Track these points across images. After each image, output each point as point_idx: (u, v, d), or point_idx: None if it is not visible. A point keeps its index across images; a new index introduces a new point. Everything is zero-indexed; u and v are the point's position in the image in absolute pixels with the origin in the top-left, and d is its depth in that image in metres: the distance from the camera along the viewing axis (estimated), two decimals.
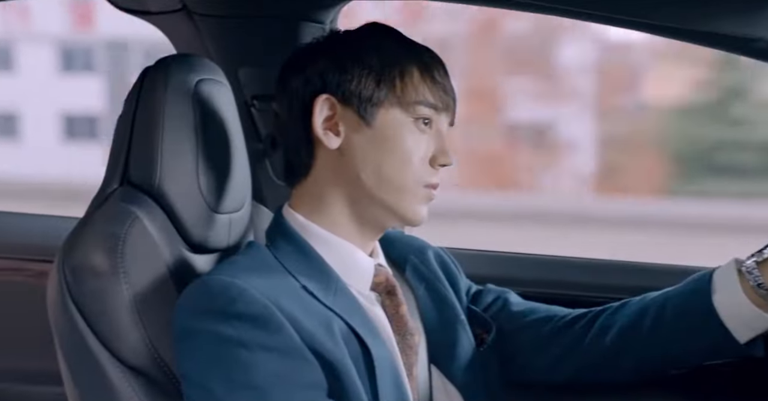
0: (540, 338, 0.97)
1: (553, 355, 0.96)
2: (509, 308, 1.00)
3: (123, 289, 0.86)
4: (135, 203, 0.92)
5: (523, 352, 0.98)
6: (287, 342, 0.78)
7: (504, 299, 1.01)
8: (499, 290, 1.04)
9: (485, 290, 1.03)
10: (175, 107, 0.94)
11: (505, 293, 1.03)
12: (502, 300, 1.01)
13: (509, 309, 1.00)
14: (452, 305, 0.96)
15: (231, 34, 1.23)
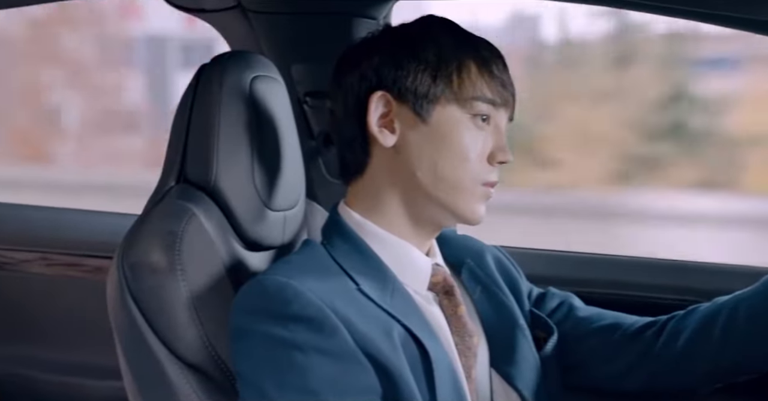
0: (610, 345, 0.94)
1: (624, 362, 0.93)
2: (575, 313, 0.97)
3: (180, 286, 0.86)
4: (191, 201, 0.93)
5: (593, 359, 0.95)
6: (342, 346, 0.77)
7: (569, 305, 0.99)
8: (562, 294, 1.01)
9: (548, 295, 1.00)
10: (230, 104, 0.94)
11: (569, 298, 1.00)
12: (567, 306, 0.98)
13: (575, 315, 0.97)
14: (510, 309, 0.93)
15: (284, 31, 1.23)
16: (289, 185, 1.01)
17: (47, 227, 1.50)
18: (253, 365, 0.77)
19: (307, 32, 1.22)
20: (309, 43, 1.23)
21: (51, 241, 1.49)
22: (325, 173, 1.32)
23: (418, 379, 0.78)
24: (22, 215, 1.54)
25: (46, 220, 1.53)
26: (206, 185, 0.94)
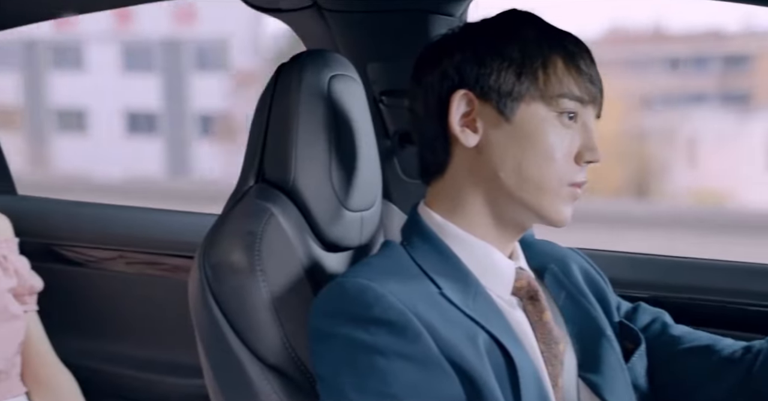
0: (711, 366, 0.89)
1: (728, 384, 0.87)
2: (669, 331, 0.93)
3: (261, 287, 0.86)
4: (270, 201, 0.92)
5: (691, 380, 0.89)
6: (425, 352, 0.75)
7: (662, 322, 0.94)
8: (654, 310, 0.96)
9: (639, 310, 0.96)
10: (309, 104, 0.94)
11: (661, 315, 0.96)
12: (660, 323, 0.94)
13: (669, 333, 0.93)
14: (597, 318, 0.90)
15: (360, 29, 1.22)
16: (366, 186, 1.00)
17: (126, 226, 1.54)
18: (333, 368, 0.76)
19: (383, 30, 1.21)
20: (385, 42, 1.22)
21: (130, 239, 1.52)
22: (401, 173, 1.31)
23: (503, 388, 0.76)
24: (102, 214, 1.58)
25: (125, 219, 1.57)
26: (284, 185, 0.94)
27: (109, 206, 1.60)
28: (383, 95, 1.26)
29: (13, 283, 1.27)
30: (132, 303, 1.50)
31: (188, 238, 1.50)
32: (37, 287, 1.33)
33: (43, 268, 1.36)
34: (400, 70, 1.21)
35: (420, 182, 0.92)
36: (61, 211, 1.58)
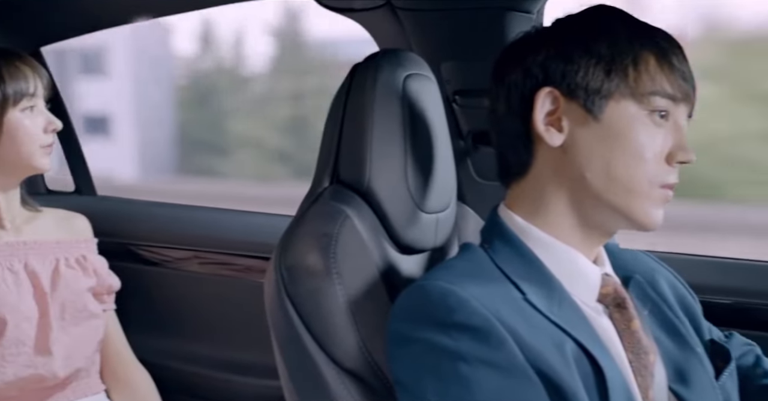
0: None
1: None
2: (761, 365, 0.89)
3: (337, 290, 0.85)
4: (345, 202, 0.91)
5: None
6: (509, 359, 0.72)
7: (755, 355, 0.91)
8: (746, 341, 0.93)
9: (732, 339, 0.92)
10: (384, 103, 0.93)
11: (754, 348, 0.92)
12: (753, 356, 0.90)
13: (761, 366, 0.89)
14: (685, 335, 0.85)
15: (434, 28, 1.20)
16: (441, 187, 0.98)
17: (201, 227, 1.56)
18: (414, 374, 0.74)
19: (457, 29, 1.19)
20: (460, 40, 1.20)
21: (204, 240, 1.54)
22: (474, 175, 1.28)
23: (591, 398, 0.72)
24: (178, 215, 1.60)
25: (199, 219, 1.59)
26: (359, 187, 0.93)
27: (184, 206, 1.62)
28: (457, 95, 1.23)
29: (92, 282, 1.30)
30: (206, 302, 1.52)
31: (261, 239, 1.51)
32: (115, 286, 1.36)
33: (120, 267, 1.39)
34: (474, 70, 1.20)
35: (494, 183, 0.89)
36: (138, 211, 1.62)
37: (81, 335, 1.26)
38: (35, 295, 1.22)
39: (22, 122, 1.21)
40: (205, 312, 1.52)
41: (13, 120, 1.20)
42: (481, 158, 1.25)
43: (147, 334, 1.47)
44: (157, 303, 1.54)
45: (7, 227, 1.25)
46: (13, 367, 1.17)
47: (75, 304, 1.25)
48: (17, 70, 1.21)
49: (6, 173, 1.23)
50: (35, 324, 1.20)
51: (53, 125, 1.24)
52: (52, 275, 1.25)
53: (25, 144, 1.21)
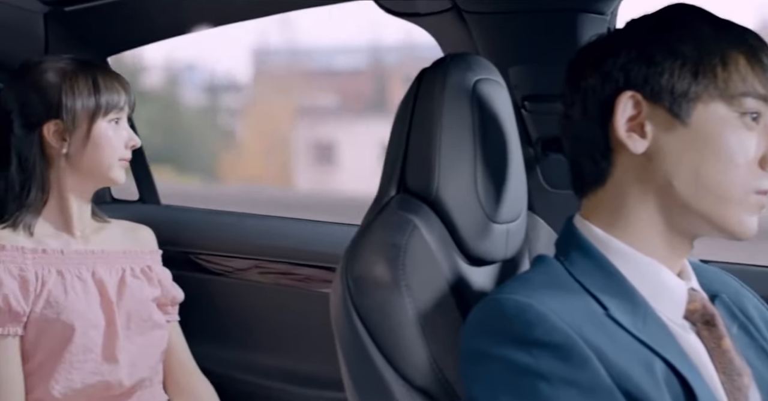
0: None
1: None
2: None
3: (406, 303, 0.82)
4: (413, 212, 0.88)
5: None
6: (593, 379, 0.68)
7: None
8: None
9: None
10: (453, 109, 0.90)
11: None
12: None
13: None
14: None
15: (503, 32, 1.17)
16: (512, 196, 0.94)
17: (261, 236, 1.55)
18: (490, 393, 0.70)
19: (527, 32, 1.15)
20: (529, 44, 1.16)
21: (264, 249, 1.53)
22: (543, 183, 1.23)
23: None
24: (239, 223, 1.60)
25: (260, 228, 1.58)
26: (428, 196, 0.90)
27: (246, 214, 1.62)
28: (525, 100, 1.19)
29: (156, 293, 1.30)
30: (268, 312, 1.51)
31: (322, 248, 1.49)
32: (179, 298, 1.36)
33: (182, 276, 1.39)
34: (544, 74, 1.15)
35: (564, 191, 0.85)
36: (200, 220, 1.62)
37: (145, 344, 1.26)
38: (102, 303, 1.22)
39: (107, 133, 1.23)
40: (266, 321, 1.51)
41: (100, 130, 1.22)
42: (551, 165, 1.20)
43: (209, 344, 1.47)
44: (219, 312, 1.53)
45: (77, 235, 1.26)
46: (81, 374, 1.18)
47: (140, 314, 1.25)
48: (111, 82, 1.24)
49: (83, 182, 1.25)
50: (102, 332, 1.21)
51: (133, 141, 1.26)
52: (119, 285, 1.25)
53: (107, 155, 1.23)
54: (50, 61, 1.24)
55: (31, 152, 1.22)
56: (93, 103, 1.21)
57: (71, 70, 1.22)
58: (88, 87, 1.22)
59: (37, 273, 1.19)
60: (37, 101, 1.21)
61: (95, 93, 1.22)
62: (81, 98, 1.21)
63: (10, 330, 1.15)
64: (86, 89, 1.21)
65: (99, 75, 1.23)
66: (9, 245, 1.18)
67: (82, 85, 1.21)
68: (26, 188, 1.22)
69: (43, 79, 1.22)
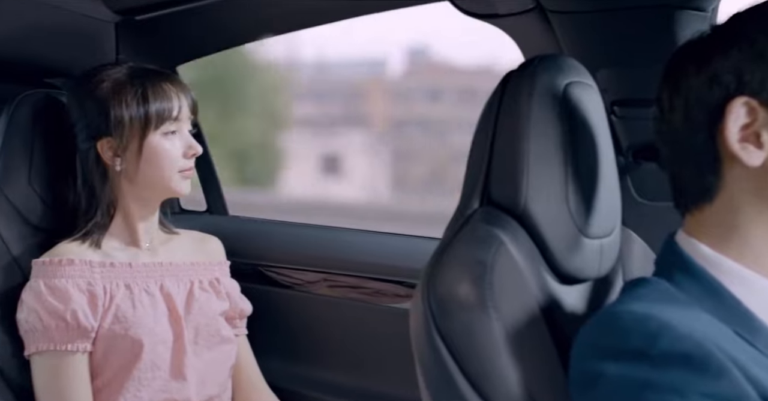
0: None
1: None
2: None
3: (494, 326, 0.75)
4: (499, 226, 0.82)
5: None
6: (735, 391, 0.59)
7: None
8: None
9: None
10: (541, 115, 0.83)
11: None
12: None
13: None
14: None
15: (591, 32, 1.09)
16: (606, 209, 0.86)
17: (331, 248, 1.51)
18: None
19: (618, 31, 1.07)
20: (620, 44, 1.08)
21: (333, 262, 1.48)
22: (635, 194, 1.15)
23: None
24: (308, 235, 1.56)
25: (328, 240, 1.54)
26: (515, 208, 0.83)
27: (315, 226, 1.58)
28: (615, 105, 1.11)
29: (225, 306, 1.27)
30: (337, 327, 1.46)
31: (392, 261, 1.44)
32: (247, 311, 1.32)
33: (249, 289, 1.36)
34: (637, 76, 1.07)
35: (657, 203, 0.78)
36: (268, 231, 1.59)
37: (214, 360, 1.22)
38: (170, 318, 1.19)
39: (162, 146, 1.17)
40: (336, 337, 1.46)
41: (153, 144, 1.17)
42: (643, 175, 1.12)
43: (277, 359, 1.43)
44: (287, 326, 1.49)
45: (144, 247, 1.23)
46: (149, 392, 1.15)
47: (208, 328, 1.22)
48: (162, 91, 1.17)
49: (145, 196, 1.21)
50: (170, 348, 1.18)
51: (193, 149, 1.19)
52: (187, 298, 1.22)
53: (163, 168, 1.17)
54: (106, 71, 1.19)
55: (91, 170, 1.18)
56: (142, 114, 1.15)
57: (122, 81, 1.17)
58: (137, 98, 1.15)
59: (105, 287, 1.17)
60: (92, 115, 1.17)
61: (144, 103, 1.15)
62: (129, 111, 1.15)
63: (79, 346, 1.12)
64: (135, 101, 1.15)
65: (149, 84, 1.16)
66: (77, 259, 1.16)
67: (130, 97, 1.15)
68: (92, 203, 1.19)
69: (96, 91, 1.17)
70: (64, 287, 1.14)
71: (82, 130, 1.19)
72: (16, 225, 1.24)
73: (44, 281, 1.14)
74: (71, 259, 1.16)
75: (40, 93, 1.31)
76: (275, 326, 1.49)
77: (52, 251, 1.18)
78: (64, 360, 1.12)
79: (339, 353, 1.44)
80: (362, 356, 1.41)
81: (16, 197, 1.26)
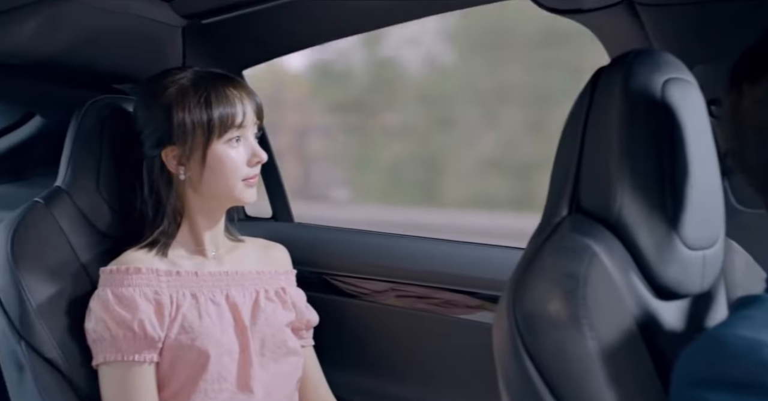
0: None
1: None
2: None
3: (589, 345, 0.68)
4: (590, 236, 0.75)
5: None
6: None
7: None
8: None
9: None
10: (637, 115, 0.77)
11: None
12: None
13: None
14: None
15: (686, 26, 1.01)
16: (708, 217, 0.79)
17: (398, 256, 1.46)
18: None
19: (716, 24, 0.99)
20: (719, 38, 1.00)
21: (401, 271, 1.43)
22: (734, 201, 1.06)
23: None
24: (375, 243, 1.52)
25: (395, 248, 1.49)
26: (608, 217, 0.76)
27: (382, 234, 1.53)
28: (712, 104, 1.02)
29: (291, 317, 1.23)
30: (405, 338, 1.41)
31: (462, 271, 1.37)
32: (314, 321, 1.28)
33: (315, 298, 1.32)
34: None
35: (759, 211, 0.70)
36: (335, 239, 1.55)
37: (280, 372, 1.19)
38: (236, 328, 1.16)
39: (226, 154, 1.14)
40: (404, 348, 1.41)
41: (217, 152, 1.13)
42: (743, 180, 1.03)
43: (343, 371, 1.39)
44: (353, 337, 1.45)
45: (210, 256, 1.21)
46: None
47: (274, 339, 1.18)
48: (226, 97, 1.14)
49: (209, 205, 1.18)
50: (236, 359, 1.14)
51: (258, 157, 1.15)
52: (252, 308, 1.19)
53: (227, 177, 1.14)
54: (171, 76, 1.16)
55: (156, 178, 1.16)
56: (205, 121, 1.12)
57: (186, 86, 1.14)
58: (200, 105, 1.12)
59: (172, 297, 1.14)
60: (158, 121, 1.15)
61: (207, 109, 1.12)
62: (192, 118, 1.12)
63: (146, 357, 1.10)
64: (198, 108, 1.12)
65: (212, 89, 1.13)
66: (144, 267, 1.14)
67: (193, 103, 1.12)
68: (158, 211, 1.17)
69: (161, 97, 1.14)
70: (131, 295, 1.12)
71: (149, 137, 1.17)
72: (84, 232, 1.23)
73: (112, 289, 1.13)
74: (138, 267, 1.14)
75: (107, 99, 1.31)
76: (341, 336, 1.45)
77: (120, 259, 1.16)
78: (132, 371, 1.10)
79: (407, 365, 1.39)
80: (431, 369, 1.36)
81: (84, 203, 1.25)
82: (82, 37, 1.27)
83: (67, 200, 1.24)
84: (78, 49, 1.30)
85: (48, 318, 1.16)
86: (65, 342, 1.16)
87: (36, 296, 1.16)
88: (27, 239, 1.19)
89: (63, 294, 1.18)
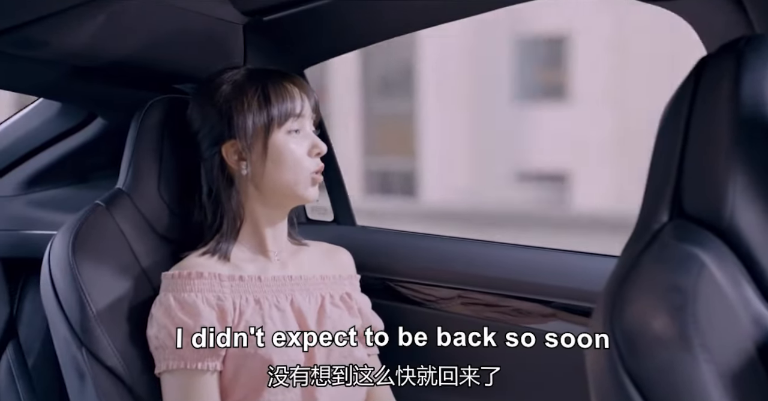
0: None
1: None
2: None
3: (702, 368, 0.61)
4: (697, 244, 0.68)
5: None
6: None
7: None
8: None
9: None
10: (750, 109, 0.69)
11: None
12: None
13: None
14: None
15: None
16: None
17: (465, 262, 1.39)
18: None
19: None
20: None
21: (468, 277, 1.37)
22: None
23: None
24: (438, 248, 1.45)
25: (462, 253, 1.42)
26: (717, 222, 0.69)
27: (448, 238, 1.47)
28: None
29: (357, 323, 1.18)
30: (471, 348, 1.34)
31: (537, 278, 1.30)
32: (379, 327, 1.22)
33: (378, 305, 1.27)
34: None
35: None
36: (398, 243, 1.49)
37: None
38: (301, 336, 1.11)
39: (287, 145, 1.12)
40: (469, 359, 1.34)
41: (277, 142, 1.12)
42: None
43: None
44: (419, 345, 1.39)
45: (273, 259, 1.17)
46: None
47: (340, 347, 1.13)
48: (285, 91, 1.13)
49: (272, 203, 1.15)
50: None
51: (318, 148, 1.14)
52: (318, 314, 1.14)
53: (290, 169, 1.12)
54: (225, 74, 1.16)
55: (216, 177, 1.14)
56: (265, 115, 1.11)
57: (241, 82, 1.14)
58: (258, 100, 1.12)
59: (235, 302, 1.10)
60: (214, 120, 1.13)
61: (266, 104, 1.12)
62: (252, 111, 1.11)
63: (209, 365, 1.06)
64: (256, 102, 1.12)
65: (269, 84, 1.13)
66: (207, 272, 1.11)
67: (251, 97, 1.12)
68: (218, 214, 1.14)
69: (216, 95, 1.14)
70: (194, 301, 1.08)
71: (206, 136, 1.15)
72: (145, 236, 1.21)
73: (173, 295, 1.09)
74: (200, 272, 1.10)
75: (168, 100, 1.28)
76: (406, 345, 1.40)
77: (181, 264, 1.13)
78: (195, 379, 1.06)
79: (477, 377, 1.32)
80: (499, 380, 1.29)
81: (145, 206, 1.22)
82: (144, 36, 1.25)
83: (128, 203, 1.21)
84: (139, 48, 1.28)
85: (109, 324, 1.13)
86: (126, 349, 1.13)
87: (97, 301, 1.13)
88: (88, 244, 1.17)
89: (124, 300, 1.16)
